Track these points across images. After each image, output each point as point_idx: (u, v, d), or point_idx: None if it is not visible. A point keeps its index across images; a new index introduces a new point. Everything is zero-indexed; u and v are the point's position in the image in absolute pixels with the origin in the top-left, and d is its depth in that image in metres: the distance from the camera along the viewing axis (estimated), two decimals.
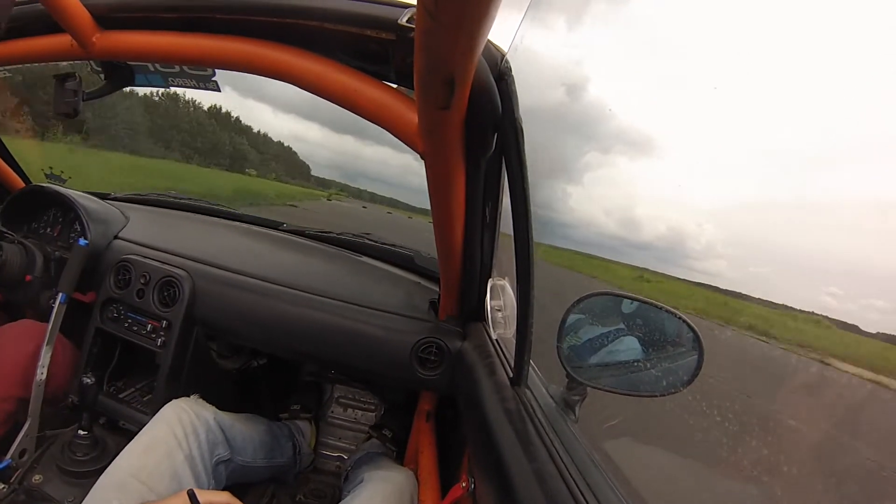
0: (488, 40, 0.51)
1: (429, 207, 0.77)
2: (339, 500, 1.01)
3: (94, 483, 0.83)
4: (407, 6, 0.59)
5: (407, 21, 0.58)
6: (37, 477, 0.99)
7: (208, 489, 0.93)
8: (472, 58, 0.46)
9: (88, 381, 1.05)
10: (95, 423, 1.09)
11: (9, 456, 0.99)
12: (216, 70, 0.85)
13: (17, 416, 1.06)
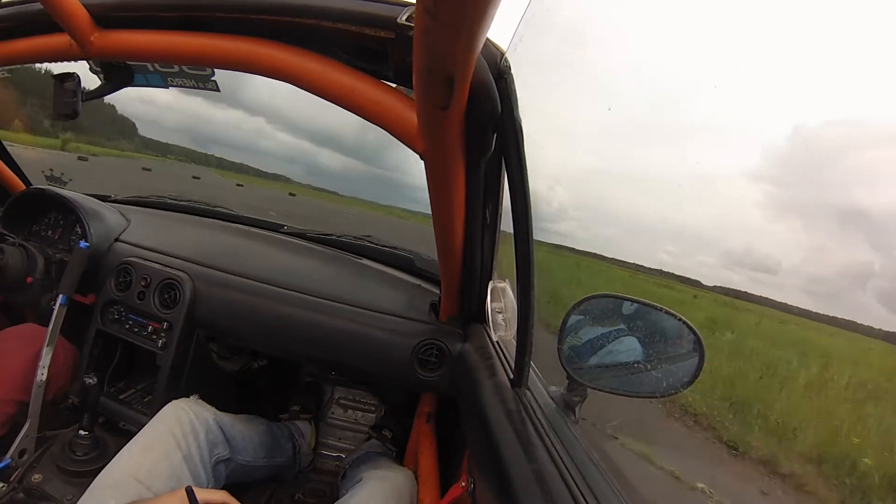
0: (487, 39, 0.51)
1: (271, 172, 0.74)
2: (337, 499, 1.00)
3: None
4: (406, 4, 0.59)
5: (406, 19, 0.57)
6: (36, 476, 0.99)
7: (207, 488, 0.93)
8: (471, 56, 0.45)
9: (91, 381, 1.05)
10: (96, 423, 1.09)
11: (8, 455, 0.99)
12: (215, 70, 0.85)
13: (17, 419, 1.06)
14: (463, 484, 0.86)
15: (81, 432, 1.04)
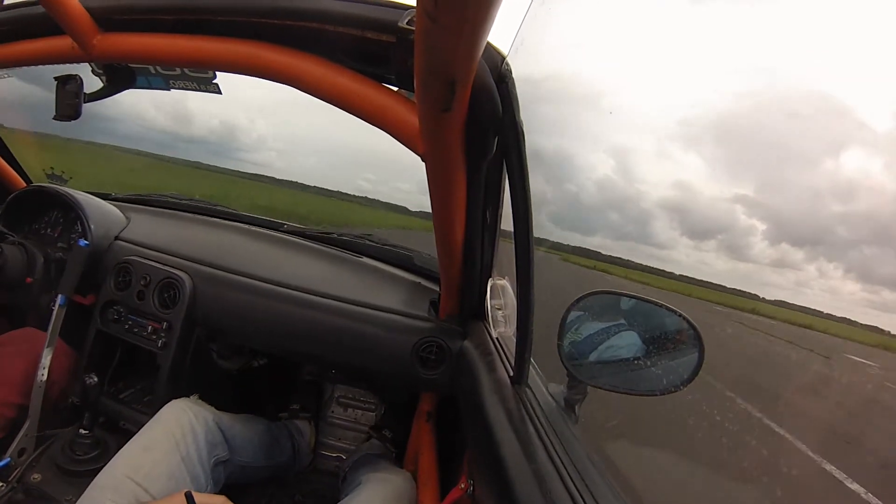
0: (489, 42, 0.51)
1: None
2: (337, 502, 1.01)
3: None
4: (407, 8, 0.59)
5: (407, 23, 0.58)
6: (35, 476, 0.98)
7: (206, 490, 0.93)
8: (472, 60, 0.46)
9: (91, 380, 1.05)
10: (96, 422, 1.09)
11: (8, 455, 0.98)
12: (216, 73, 0.86)
13: (17, 421, 1.05)
14: (462, 486, 0.86)
15: (82, 431, 1.04)
